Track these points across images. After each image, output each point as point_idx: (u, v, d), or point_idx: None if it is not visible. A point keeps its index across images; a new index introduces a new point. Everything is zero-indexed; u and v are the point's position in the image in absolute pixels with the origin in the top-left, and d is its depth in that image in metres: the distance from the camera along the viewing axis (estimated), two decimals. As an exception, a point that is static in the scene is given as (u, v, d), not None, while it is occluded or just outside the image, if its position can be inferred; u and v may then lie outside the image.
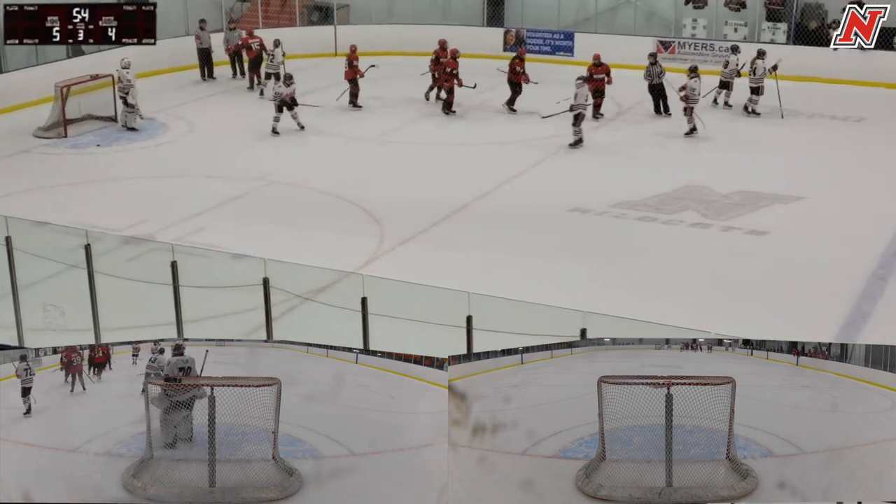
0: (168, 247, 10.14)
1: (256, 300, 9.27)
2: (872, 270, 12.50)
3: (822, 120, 19.57)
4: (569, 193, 15.39)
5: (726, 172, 16.35)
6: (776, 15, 24.13)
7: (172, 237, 13.15)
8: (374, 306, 8.66)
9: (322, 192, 15.76)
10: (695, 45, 23.79)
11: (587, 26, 25.55)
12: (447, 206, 14.94)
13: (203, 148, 18.38)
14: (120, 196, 15.81)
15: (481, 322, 8.20)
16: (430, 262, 12.90)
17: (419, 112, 20.63)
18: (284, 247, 12.70)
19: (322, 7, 26.89)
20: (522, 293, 10.24)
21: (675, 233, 13.95)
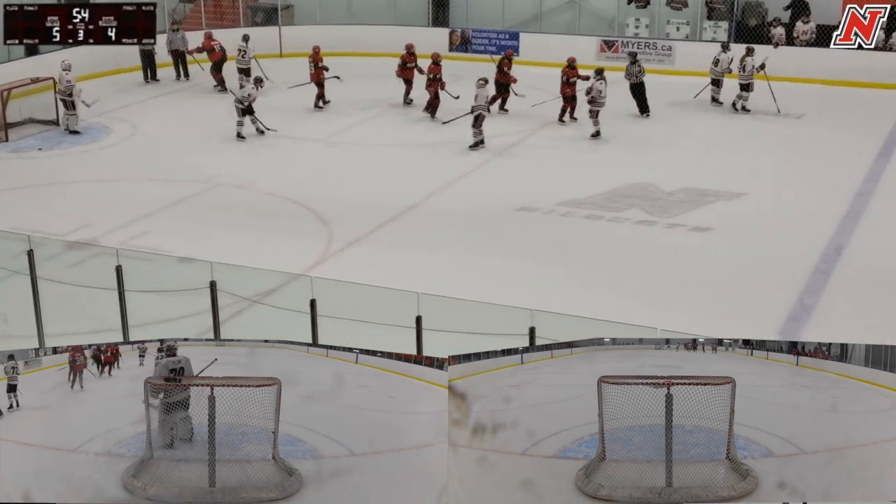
0: (112, 251, 10.04)
1: (204, 304, 9.21)
2: (815, 265, 12.71)
3: (763, 117, 19.86)
4: (516, 193, 15.47)
5: (670, 170, 16.53)
6: (717, 13, 24.47)
7: (117, 241, 13.01)
8: (323, 308, 8.64)
9: (270, 193, 15.68)
10: (637, 44, 24.03)
11: (532, 26, 25.70)
12: (395, 206, 14.95)
13: (147, 150, 18.18)
14: (63, 200, 15.59)
15: (431, 322, 8.23)
16: (379, 262, 12.89)
17: (366, 113, 20.61)
18: (232, 249, 12.63)
19: (266, 8, 26.72)
20: (471, 293, 10.28)
21: (621, 230, 14.08)
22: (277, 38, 25.50)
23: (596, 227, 14.19)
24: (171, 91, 22.52)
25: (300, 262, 12.64)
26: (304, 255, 13.01)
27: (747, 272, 12.53)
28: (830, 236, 13.66)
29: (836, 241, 13.50)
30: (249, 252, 12.70)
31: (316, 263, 12.83)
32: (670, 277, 12.39)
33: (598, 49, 24.28)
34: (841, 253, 13.13)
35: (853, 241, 13.52)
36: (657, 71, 23.17)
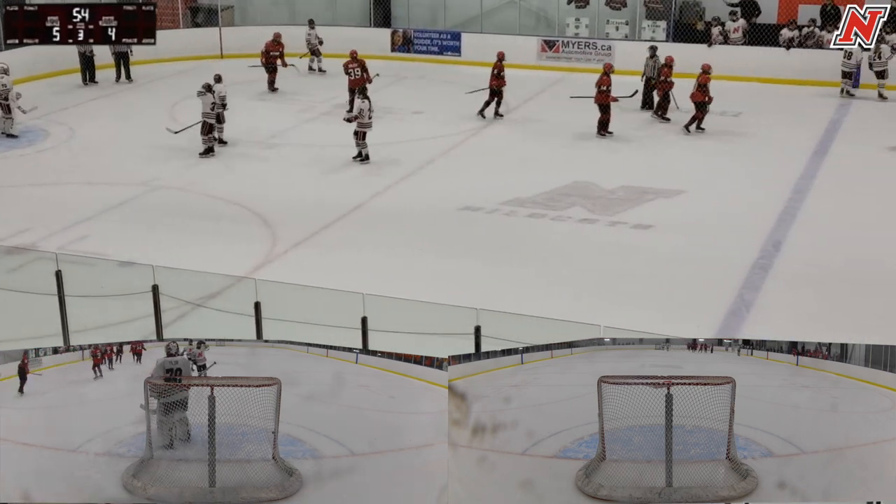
0: (52, 256, 9.90)
1: (146, 308, 9.13)
2: (754, 260, 12.93)
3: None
4: (459, 192, 15.52)
5: (610, 169, 16.71)
6: (656, 13, 24.77)
7: (56, 246, 12.84)
8: (267, 310, 8.62)
9: (211, 196, 15.56)
10: (577, 44, 24.24)
11: (473, 26, 25.81)
12: (339, 207, 14.92)
13: (85, 154, 17.94)
14: (0, 205, 15.32)
15: (377, 323, 8.24)
16: (324, 264, 12.86)
17: (309, 114, 20.53)
18: (174, 253, 12.52)
19: (206, 9, 26.49)
20: (417, 293, 10.30)
21: (564, 228, 14.20)
22: (218, 40, 25.29)
23: (539, 226, 14.29)
24: (110, 93, 22.24)
25: (244, 264, 12.57)
26: (248, 258, 12.94)
27: (688, 268, 12.70)
28: (768, 232, 13.90)
29: (774, 237, 13.74)
30: (192, 255, 12.59)
31: (260, 265, 12.76)
32: (613, 275, 12.52)
33: (539, 49, 24.44)
34: (779, 248, 13.38)
35: (791, 237, 13.77)
36: (597, 70, 23.37)
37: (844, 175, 16.50)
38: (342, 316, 8.36)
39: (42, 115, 19.53)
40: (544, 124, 19.60)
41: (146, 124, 19.26)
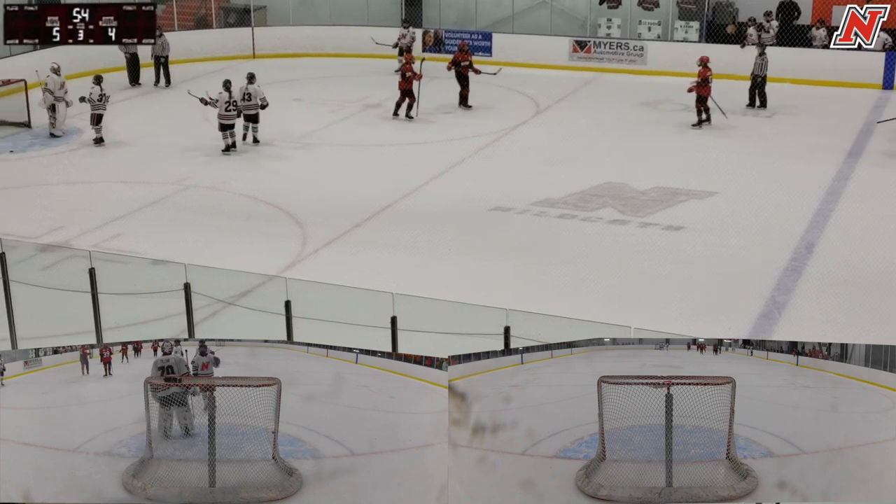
0: (85, 254, 9.99)
1: (178, 306, 9.19)
2: (786, 262, 12.83)
3: (733, 116, 19.99)
4: (490, 193, 15.51)
5: (643, 170, 16.63)
6: (689, 14, 24.64)
7: (89, 244, 12.95)
8: (298, 309, 8.64)
9: (243, 195, 15.64)
10: (609, 45, 24.15)
11: (504, 26, 25.78)
12: (370, 207, 14.95)
13: (119, 153, 18.09)
14: (35, 203, 15.49)
15: (406, 322, 8.24)
16: (354, 263, 12.90)
17: (338, 114, 20.59)
18: (205, 251, 12.60)
19: (238, 9, 26.65)
20: (446, 293, 10.30)
21: (595, 230, 14.15)
22: (250, 40, 25.43)
23: (570, 227, 14.26)
24: (144, 93, 22.42)
25: (275, 263, 12.63)
26: (279, 257, 13.00)
27: (720, 270, 12.63)
28: (801, 234, 13.79)
29: (806, 239, 13.63)
30: (223, 253, 12.67)
31: (291, 265, 12.82)
32: (644, 276, 12.47)
33: (571, 49, 24.38)
34: (812, 251, 13.27)
35: (824, 239, 13.66)
36: (629, 71, 23.33)
37: (878, 177, 16.33)
38: (372, 315, 8.36)
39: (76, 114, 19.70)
40: (576, 125, 19.55)
41: (179, 124, 19.40)
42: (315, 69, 24.01)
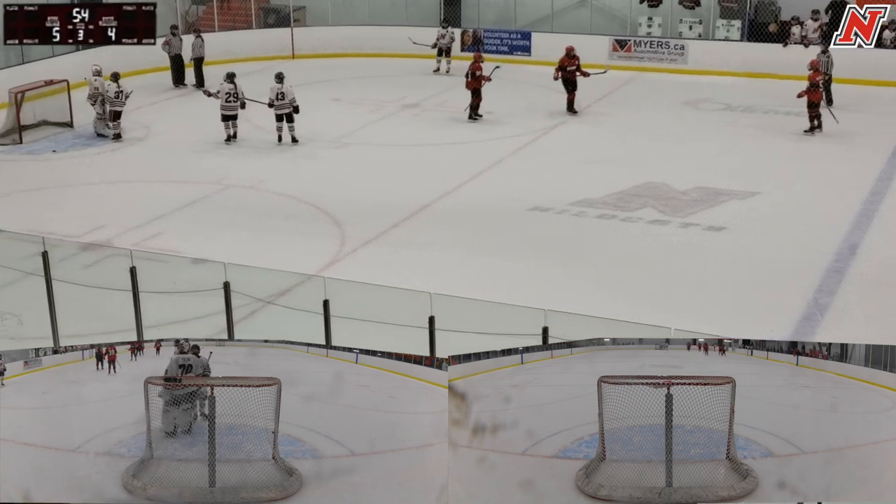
0: (126, 252, 10.06)
1: (217, 305, 9.23)
2: (829, 264, 12.66)
3: (776, 116, 19.80)
4: (528, 192, 15.45)
5: (684, 169, 16.49)
6: (730, 12, 24.40)
7: (130, 243, 13.06)
8: (336, 308, 8.65)
9: (282, 195, 15.70)
10: (650, 44, 23.99)
11: (544, 26, 25.69)
12: (408, 206, 14.95)
13: (160, 153, 18.24)
14: (77, 202, 15.66)
15: (444, 322, 8.22)
16: (392, 263, 12.90)
17: (377, 113, 20.62)
18: (245, 250, 12.65)
19: (278, 9, 26.78)
20: (484, 293, 10.27)
21: (634, 230, 14.05)
22: (290, 40, 25.53)
23: (609, 227, 14.16)
24: (185, 93, 22.60)
25: (313, 262, 12.66)
26: (317, 256, 13.03)
27: (762, 271, 12.48)
28: (844, 235, 13.60)
29: (850, 240, 13.44)
30: (262, 253, 12.72)
31: (329, 264, 12.85)
32: (684, 277, 12.36)
33: (611, 48, 24.25)
34: (855, 252, 13.08)
35: (867, 241, 13.46)
36: (670, 70, 23.16)
37: (925, 177, 16.10)
38: (409, 315, 8.35)
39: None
40: (616, 124, 19.43)
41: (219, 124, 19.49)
42: (354, 69, 24.07)
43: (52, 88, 19.44)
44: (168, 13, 25.10)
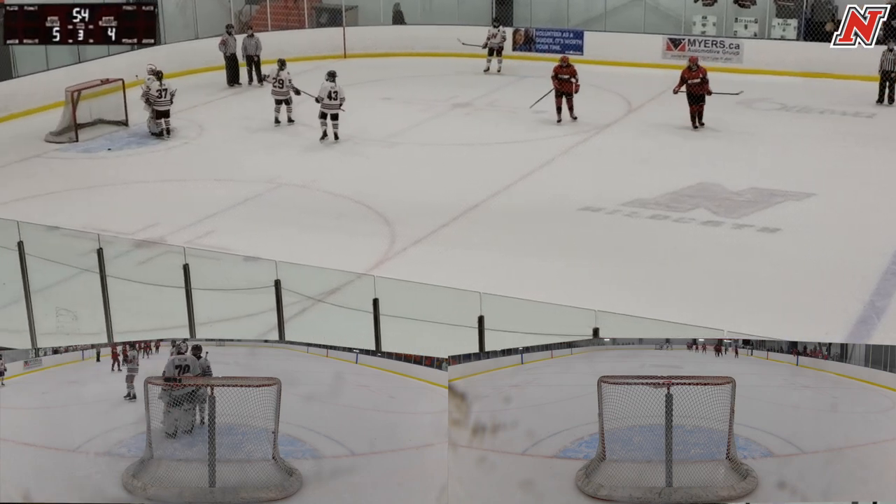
0: (180, 250, 10.16)
1: (268, 302, 9.28)
2: (886, 266, 12.43)
3: (833, 116, 19.49)
4: (579, 192, 15.37)
5: (738, 170, 16.30)
6: (786, 11, 24.07)
7: (184, 240, 13.17)
8: (385, 307, 8.65)
9: (332, 193, 15.77)
10: (704, 43, 23.74)
11: (596, 24, 25.53)
12: (458, 206, 14.94)
13: (213, 151, 18.41)
14: (131, 200, 15.85)
15: (493, 322, 8.19)
16: (442, 262, 12.89)
17: (427, 113, 20.63)
18: (296, 249, 12.71)
19: (331, 9, 26.92)
20: (534, 293, 10.22)
21: (687, 231, 13.91)
22: (342, 40, 25.64)
23: (661, 228, 14.04)
24: (237, 92, 22.79)
25: (363, 261, 12.69)
26: (367, 255, 13.06)
27: (816, 274, 12.29)
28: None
29: (908, 243, 13.20)
30: (313, 251, 12.78)
31: (379, 263, 12.87)
32: (738, 278, 12.21)
33: (665, 48, 24.04)
34: (914, 254, 12.84)
35: (927, 243, 13.21)
36: (724, 69, 22.89)
37: None
38: (459, 315, 8.33)
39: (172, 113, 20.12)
40: (669, 124, 19.24)
41: (272, 123, 19.65)
42: (405, 69, 24.11)
43: (108, 87, 19.69)
44: (222, 13, 25.37)
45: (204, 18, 24.83)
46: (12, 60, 20.57)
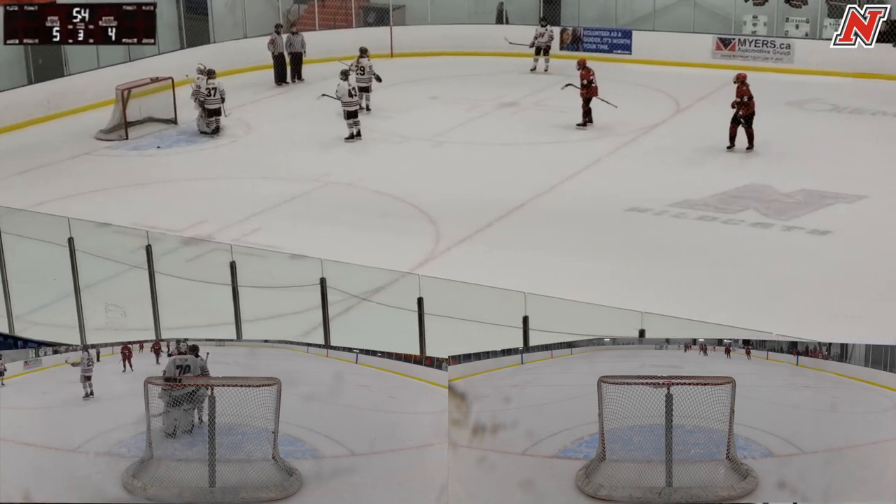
0: (227, 247, 10.22)
1: (313, 300, 9.31)
2: (939, 271, 12.23)
3: (885, 117, 19.17)
4: (626, 193, 15.26)
5: (788, 171, 16.09)
6: (839, 11, 23.69)
7: (231, 238, 13.27)
8: (430, 306, 8.64)
9: (378, 192, 15.80)
10: (754, 43, 23.47)
11: (645, 24, 25.33)
12: (503, 205, 14.90)
13: (260, 149, 18.53)
14: (180, 197, 16.00)
15: (538, 323, 8.15)
16: (487, 262, 12.86)
17: (473, 112, 20.60)
18: (341, 247, 12.75)
19: (378, 8, 26.98)
20: (579, 293, 10.16)
21: (736, 233, 13.76)
22: (389, 39, 25.69)
23: (710, 229, 13.89)
24: (285, 91, 22.91)
25: (408, 260, 12.69)
26: (412, 254, 13.07)
27: (866, 278, 12.11)
28: (957, 241, 13.11)
29: (962, 247, 12.95)
30: (358, 250, 12.81)
31: (423, 262, 12.87)
32: (787, 281, 12.05)
33: (714, 47, 23.80)
34: (969, 259, 12.59)
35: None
36: (775, 70, 22.63)
37: None
38: (503, 314, 8.30)
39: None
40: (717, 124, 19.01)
41: (317, 121, 19.73)
42: (451, 68, 24.09)
43: (158, 86, 19.90)
44: (271, 13, 25.53)
45: (253, 18, 24.99)
46: (64, 59, 20.86)
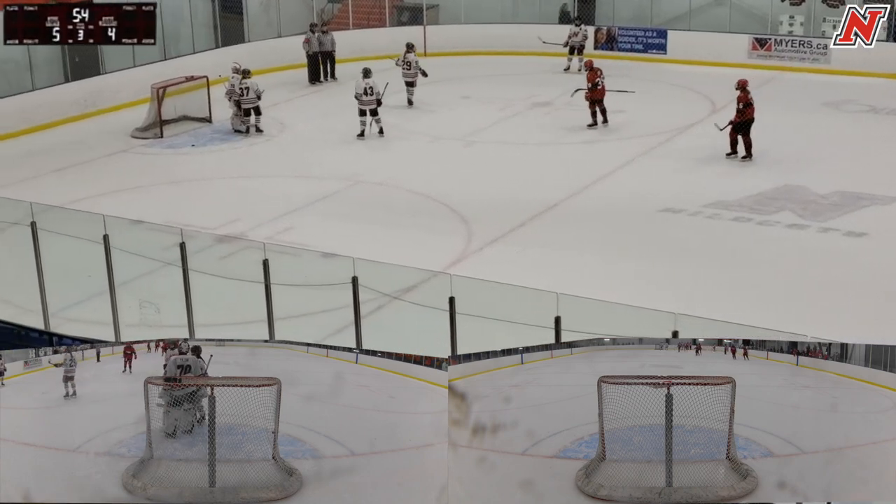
0: (260, 245, 10.26)
1: (345, 299, 9.33)
2: (978, 274, 12.06)
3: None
4: (660, 193, 15.17)
5: (824, 173, 15.93)
6: (876, 11, 23.44)
7: (264, 236, 13.33)
8: (461, 306, 8.63)
9: (410, 191, 15.81)
10: (791, 43, 23.26)
11: (680, 24, 25.17)
12: (535, 205, 14.85)
13: (294, 148, 18.60)
14: (213, 195, 16.10)
15: (570, 323, 8.12)
16: (519, 262, 12.83)
17: (506, 111, 20.55)
18: (373, 246, 12.77)
19: (412, 7, 27.00)
20: (612, 294, 10.10)
21: (771, 234, 13.64)
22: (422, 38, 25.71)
23: (744, 231, 13.78)
24: (318, 90, 22.99)
25: (440, 259, 12.69)
26: (444, 253, 13.06)
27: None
28: None
29: None
30: (390, 249, 12.81)
31: (455, 261, 12.86)
32: (822, 283, 11.94)
33: (750, 47, 23.61)
34: None
35: None
36: (811, 70, 22.43)
37: None
38: (535, 315, 8.28)
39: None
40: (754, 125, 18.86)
41: (350, 121, 19.76)
42: (485, 67, 24.06)
43: (192, 84, 20.04)
44: (305, 12, 25.62)
45: (287, 17, 25.09)
46: (100, 57, 21.05)
